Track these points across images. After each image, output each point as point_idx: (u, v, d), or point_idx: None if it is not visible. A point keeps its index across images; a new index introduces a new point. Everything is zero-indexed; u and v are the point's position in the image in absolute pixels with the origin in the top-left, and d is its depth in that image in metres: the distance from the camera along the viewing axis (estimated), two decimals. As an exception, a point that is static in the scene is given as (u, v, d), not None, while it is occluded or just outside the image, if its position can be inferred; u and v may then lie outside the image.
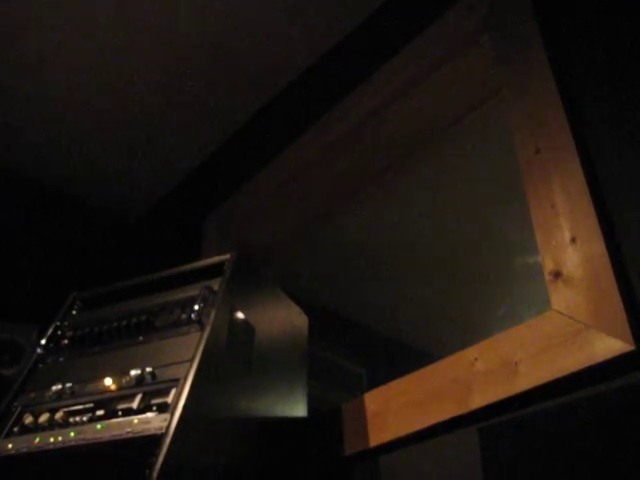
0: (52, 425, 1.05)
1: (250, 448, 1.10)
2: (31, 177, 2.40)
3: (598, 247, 1.05)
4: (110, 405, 1.04)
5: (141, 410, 0.99)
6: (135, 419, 0.97)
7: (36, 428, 1.06)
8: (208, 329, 1.06)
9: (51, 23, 1.90)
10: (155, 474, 0.84)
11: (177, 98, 2.16)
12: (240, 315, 1.16)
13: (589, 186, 1.12)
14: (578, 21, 1.32)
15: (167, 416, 0.94)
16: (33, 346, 1.29)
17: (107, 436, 0.97)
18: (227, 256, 1.23)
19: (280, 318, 1.34)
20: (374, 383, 1.34)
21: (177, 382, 0.99)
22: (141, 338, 1.15)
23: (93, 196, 2.53)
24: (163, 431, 0.91)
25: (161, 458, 0.86)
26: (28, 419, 1.08)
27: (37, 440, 1.03)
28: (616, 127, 1.15)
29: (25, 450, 1.02)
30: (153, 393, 1.01)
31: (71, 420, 1.04)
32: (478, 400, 1.11)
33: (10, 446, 1.04)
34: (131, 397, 1.02)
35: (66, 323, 1.29)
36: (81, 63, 2.02)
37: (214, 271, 1.20)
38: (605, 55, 1.23)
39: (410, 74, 1.68)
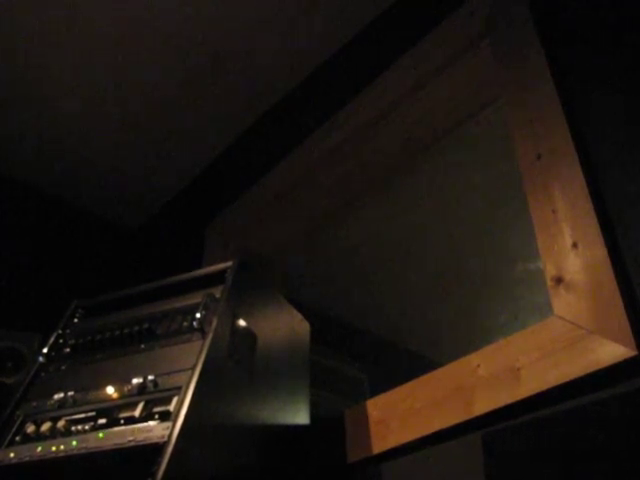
0: (54, 434, 1.04)
1: (252, 456, 1.10)
2: (32, 185, 2.40)
3: (600, 252, 1.05)
4: (112, 413, 1.03)
5: (143, 418, 0.99)
6: (137, 427, 0.97)
7: (38, 437, 1.05)
8: (210, 337, 1.06)
9: (54, 26, 1.91)
10: (157, 483, 0.84)
11: (178, 105, 2.17)
12: (242, 322, 1.16)
13: (590, 191, 1.12)
14: (577, 26, 1.32)
15: (169, 424, 0.93)
16: (35, 354, 1.29)
17: (109, 445, 0.97)
18: (229, 263, 1.23)
19: (282, 325, 1.34)
20: (376, 390, 1.33)
21: (179, 390, 0.99)
22: (143, 346, 1.15)
23: (95, 204, 2.53)
24: (165, 439, 0.91)
25: (163, 467, 0.86)
26: (30, 428, 1.07)
27: (39, 449, 1.02)
28: (617, 132, 1.15)
29: (27, 459, 1.02)
30: (155, 401, 1.01)
31: (73, 429, 1.04)
32: (481, 406, 1.10)
33: (12, 455, 1.04)
34: (133, 405, 1.02)
35: (68, 331, 1.29)
36: (82, 69, 2.03)
37: (216, 278, 1.20)
38: (605, 60, 1.24)
39: (412, 79, 1.69)
